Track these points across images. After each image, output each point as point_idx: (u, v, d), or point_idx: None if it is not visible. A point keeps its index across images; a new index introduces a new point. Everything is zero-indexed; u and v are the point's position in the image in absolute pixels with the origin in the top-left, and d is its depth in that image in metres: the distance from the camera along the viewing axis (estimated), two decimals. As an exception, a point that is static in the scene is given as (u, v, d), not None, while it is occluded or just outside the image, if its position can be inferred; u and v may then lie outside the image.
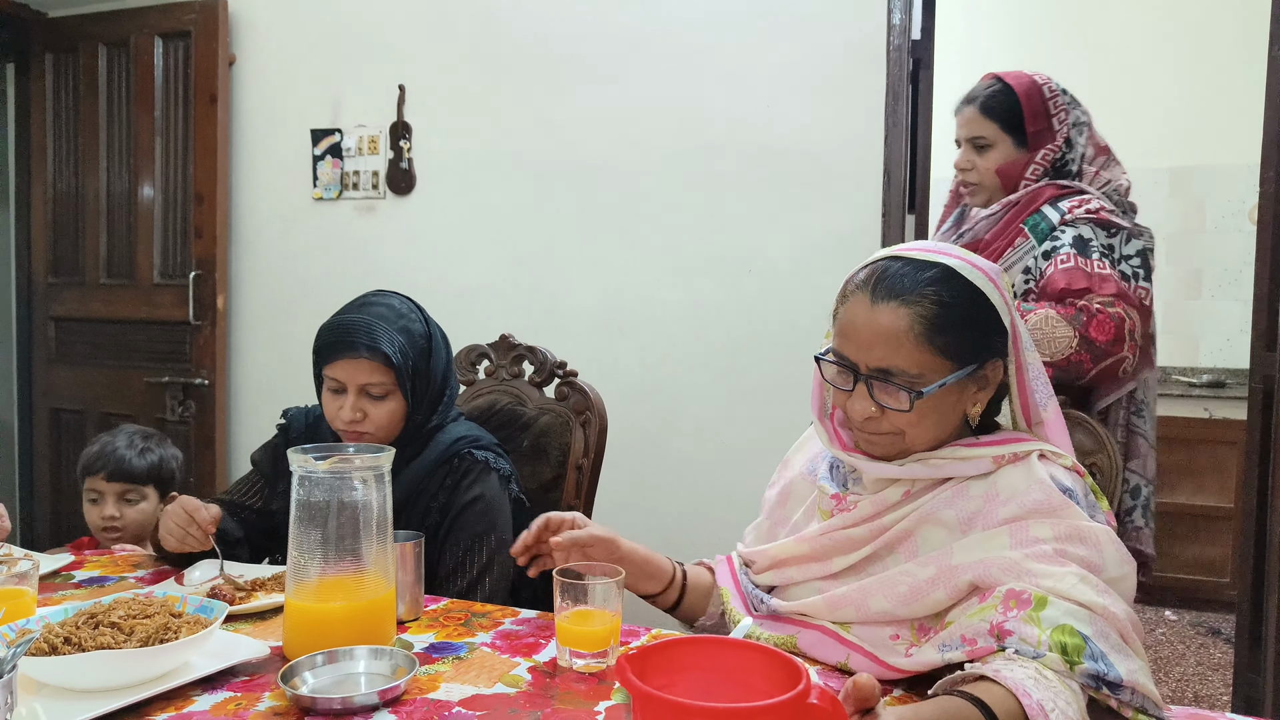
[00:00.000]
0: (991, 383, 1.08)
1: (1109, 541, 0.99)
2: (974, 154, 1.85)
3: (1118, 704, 0.90)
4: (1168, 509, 3.85)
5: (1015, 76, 1.85)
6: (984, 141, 1.85)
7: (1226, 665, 3.28)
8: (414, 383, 1.50)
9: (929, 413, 1.05)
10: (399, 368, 1.46)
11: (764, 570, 1.21)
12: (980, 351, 1.06)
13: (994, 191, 1.87)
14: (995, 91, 1.84)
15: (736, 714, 0.73)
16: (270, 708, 1.00)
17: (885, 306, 1.03)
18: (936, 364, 1.03)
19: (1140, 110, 4.31)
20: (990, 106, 1.84)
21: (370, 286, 2.84)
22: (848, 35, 2.48)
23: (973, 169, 1.86)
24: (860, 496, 1.12)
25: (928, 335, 1.02)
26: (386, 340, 1.46)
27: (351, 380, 1.47)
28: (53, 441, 3.51)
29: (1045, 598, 0.92)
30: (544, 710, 0.99)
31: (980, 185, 1.87)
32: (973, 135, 1.86)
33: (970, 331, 1.04)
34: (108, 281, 3.36)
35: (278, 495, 1.60)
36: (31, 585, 1.20)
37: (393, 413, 1.49)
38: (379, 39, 3.01)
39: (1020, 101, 1.82)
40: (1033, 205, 1.81)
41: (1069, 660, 0.89)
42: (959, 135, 1.89)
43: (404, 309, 1.55)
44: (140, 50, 3.24)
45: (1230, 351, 4.21)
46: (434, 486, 1.52)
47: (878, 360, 1.04)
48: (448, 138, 2.96)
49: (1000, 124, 1.83)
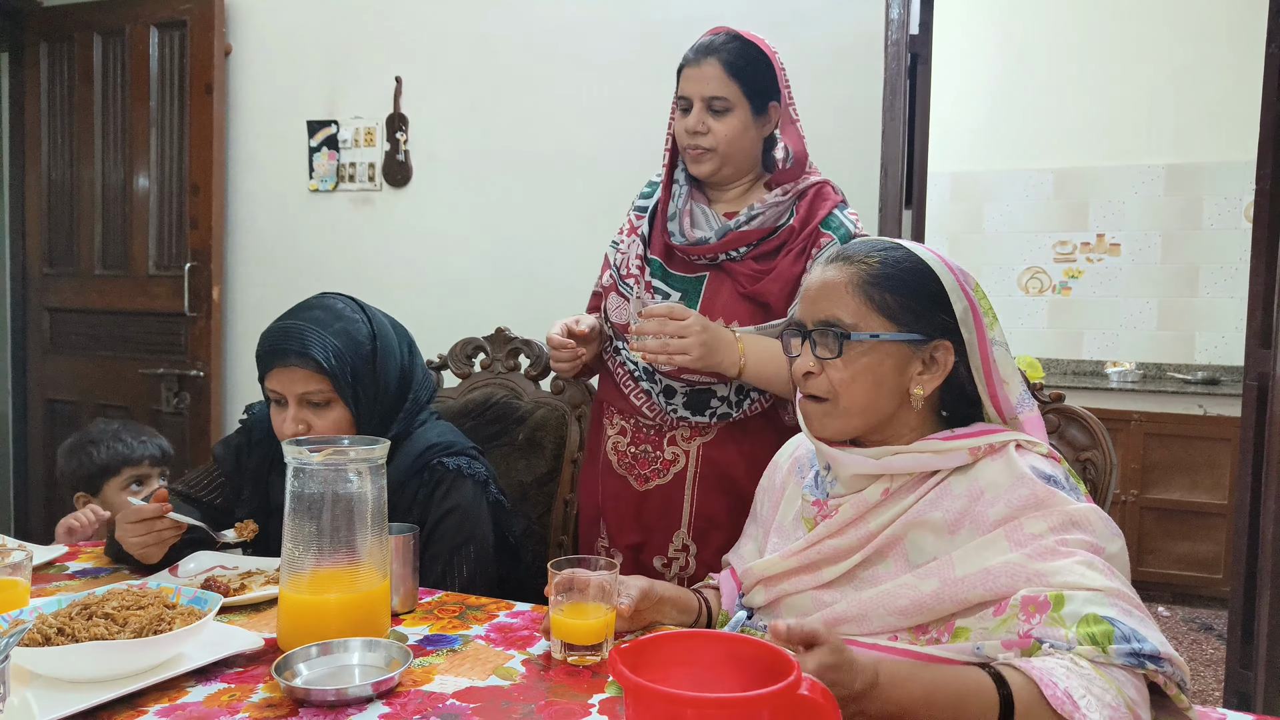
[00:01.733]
0: (941, 367, 1.08)
1: (1099, 519, 1.00)
2: (709, 116, 1.55)
3: (1164, 680, 0.89)
4: (1161, 505, 3.87)
5: (754, 36, 1.59)
6: (725, 105, 1.55)
7: (1219, 661, 3.30)
8: (355, 389, 1.43)
9: (862, 374, 1.07)
10: (332, 374, 1.39)
11: (752, 587, 1.19)
12: (923, 321, 1.07)
13: (724, 163, 1.59)
14: (739, 48, 1.56)
15: (727, 704, 0.73)
16: (264, 699, 1.00)
17: (833, 265, 1.12)
18: (872, 318, 1.07)
19: (1137, 107, 4.31)
20: (736, 65, 1.55)
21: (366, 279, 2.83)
22: (846, 29, 2.48)
23: (708, 133, 1.56)
24: (841, 500, 1.11)
25: (865, 288, 1.08)
26: (318, 346, 1.39)
27: (289, 390, 1.41)
28: (47, 432, 3.50)
29: (1061, 595, 0.93)
30: (538, 703, 0.99)
31: (713, 152, 1.57)
32: (712, 95, 1.55)
33: (911, 297, 1.07)
34: (103, 272, 3.35)
35: (242, 501, 1.55)
36: (25, 576, 1.19)
37: (338, 422, 1.42)
38: (376, 31, 3.00)
39: (770, 65, 1.57)
40: (826, 203, 1.61)
41: (1101, 647, 0.89)
42: (688, 91, 1.57)
43: (345, 310, 1.47)
44: (136, 40, 3.22)
45: (1225, 348, 4.22)
46: (406, 500, 1.46)
47: (820, 312, 1.10)
48: (445, 130, 2.95)
49: (742, 86, 1.56)
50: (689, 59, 1.58)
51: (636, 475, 1.62)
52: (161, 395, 3.22)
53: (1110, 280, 4.41)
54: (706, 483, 1.57)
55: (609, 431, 1.66)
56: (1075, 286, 4.48)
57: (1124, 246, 4.38)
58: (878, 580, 1.07)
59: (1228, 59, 4.12)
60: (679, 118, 1.60)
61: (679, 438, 1.59)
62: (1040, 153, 4.49)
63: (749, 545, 1.31)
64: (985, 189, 4.59)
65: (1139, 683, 0.89)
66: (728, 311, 1.55)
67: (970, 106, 4.51)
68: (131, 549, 1.40)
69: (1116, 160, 4.37)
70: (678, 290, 1.60)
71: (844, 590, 1.09)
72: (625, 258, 1.65)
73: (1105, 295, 4.43)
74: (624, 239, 1.68)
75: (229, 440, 1.62)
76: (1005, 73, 4.52)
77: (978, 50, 4.53)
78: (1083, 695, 0.85)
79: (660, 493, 1.60)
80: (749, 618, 1.20)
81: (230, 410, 3.21)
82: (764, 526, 1.27)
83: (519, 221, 2.89)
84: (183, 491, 1.59)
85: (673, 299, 1.59)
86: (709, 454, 1.57)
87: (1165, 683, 0.89)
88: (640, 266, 1.62)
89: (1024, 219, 4.54)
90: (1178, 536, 3.85)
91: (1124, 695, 0.87)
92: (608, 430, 1.67)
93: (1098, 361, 4.42)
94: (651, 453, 1.61)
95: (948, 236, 4.63)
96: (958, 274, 1.09)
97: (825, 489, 1.16)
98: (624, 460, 1.63)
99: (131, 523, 1.38)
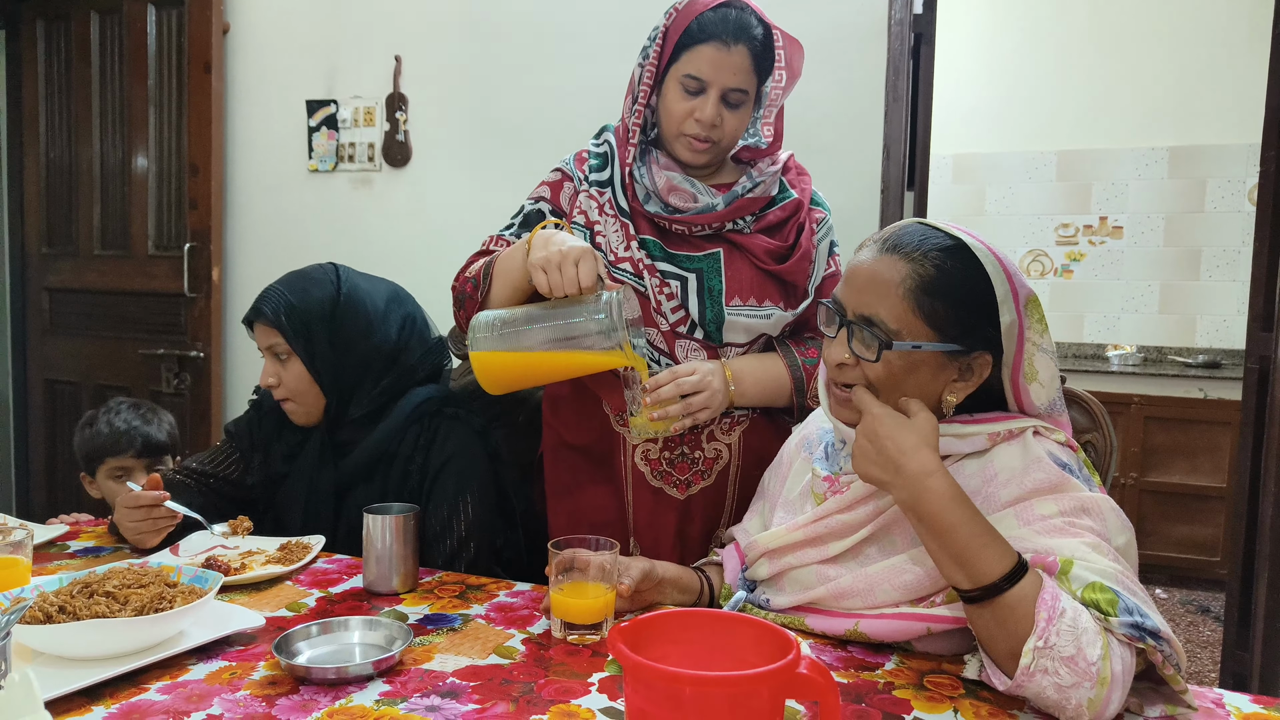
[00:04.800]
0: (977, 377, 1.06)
1: (1110, 510, 0.99)
2: (724, 108, 1.39)
3: (1161, 658, 0.89)
4: (1161, 488, 3.87)
5: (767, 17, 1.42)
6: (742, 99, 1.41)
7: (1215, 643, 3.31)
8: (310, 345, 1.51)
9: (898, 377, 1.04)
10: (281, 328, 1.51)
11: (756, 560, 1.19)
12: (967, 333, 1.04)
13: (718, 155, 1.46)
14: (765, 36, 1.40)
15: (725, 682, 0.73)
16: (265, 677, 1.00)
17: (888, 257, 1.05)
18: (917, 327, 1.03)
19: (1141, 89, 4.28)
20: (761, 57, 1.40)
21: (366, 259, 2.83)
22: (849, 9, 2.46)
23: (721, 125, 1.40)
24: (853, 476, 1.11)
25: (916, 294, 1.02)
26: (270, 302, 1.53)
27: (262, 344, 1.55)
28: (47, 413, 3.50)
29: (1071, 560, 0.92)
30: (537, 681, 1.00)
31: (717, 145, 1.42)
32: (736, 87, 1.38)
33: (961, 308, 1.03)
34: (102, 252, 3.34)
35: (254, 469, 1.62)
36: (26, 554, 1.20)
37: (299, 376, 1.52)
38: (375, 9, 2.98)
39: (791, 51, 1.43)
40: (805, 178, 1.53)
41: (1105, 614, 0.88)
42: (707, 75, 1.37)
43: (315, 274, 1.59)
44: (133, 17, 3.20)
45: (1227, 332, 4.21)
46: (408, 448, 1.53)
47: (864, 306, 1.05)
48: (444, 110, 2.93)
49: (758, 79, 1.42)
50: (713, 33, 1.36)
51: (676, 483, 1.45)
52: (161, 376, 3.21)
53: (1112, 263, 4.40)
54: (746, 473, 1.46)
55: (629, 442, 1.46)
56: (1077, 269, 4.47)
57: (1126, 229, 4.37)
58: (884, 556, 1.07)
59: (1232, 41, 4.09)
60: (678, 95, 1.40)
61: (718, 431, 1.45)
62: (1043, 135, 4.46)
63: (754, 520, 1.31)
64: (988, 171, 4.57)
65: (1129, 659, 0.88)
66: (753, 289, 1.43)
67: (973, 88, 4.49)
68: (128, 534, 1.44)
69: (1119, 143, 4.34)
70: (691, 271, 1.42)
71: (849, 565, 1.10)
72: (606, 240, 1.45)
73: (1107, 278, 4.42)
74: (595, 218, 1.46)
75: (240, 419, 1.69)
76: (1008, 54, 4.49)
77: (981, 31, 4.50)
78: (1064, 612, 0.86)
79: (704, 496, 1.46)
80: (751, 591, 1.20)
81: (230, 391, 3.21)
82: (770, 501, 1.27)
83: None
84: (197, 469, 1.63)
85: (689, 282, 1.41)
86: (749, 442, 1.46)
87: (1163, 662, 0.89)
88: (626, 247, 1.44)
89: (1026, 201, 4.52)
90: (1177, 519, 3.87)
91: (1108, 660, 0.85)
92: (627, 443, 1.46)
93: (1099, 344, 4.42)
94: (690, 454, 1.44)
95: (950, 219, 4.55)
96: (1014, 282, 1.03)
97: (839, 464, 1.16)
98: (658, 469, 1.45)
99: (128, 508, 1.41)
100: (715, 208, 1.42)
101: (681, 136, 1.42)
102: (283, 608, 1.23)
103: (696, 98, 1.39)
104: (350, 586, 1.32)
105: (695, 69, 1.37)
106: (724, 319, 1.41)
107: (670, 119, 1.42)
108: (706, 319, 1.41)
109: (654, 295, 1.42)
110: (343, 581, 1.34)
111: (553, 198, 1.54)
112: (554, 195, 1.54)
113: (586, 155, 1.54)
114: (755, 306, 1.43)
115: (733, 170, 1.52)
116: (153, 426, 1.99)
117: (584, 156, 1.55)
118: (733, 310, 1.41)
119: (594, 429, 1.49)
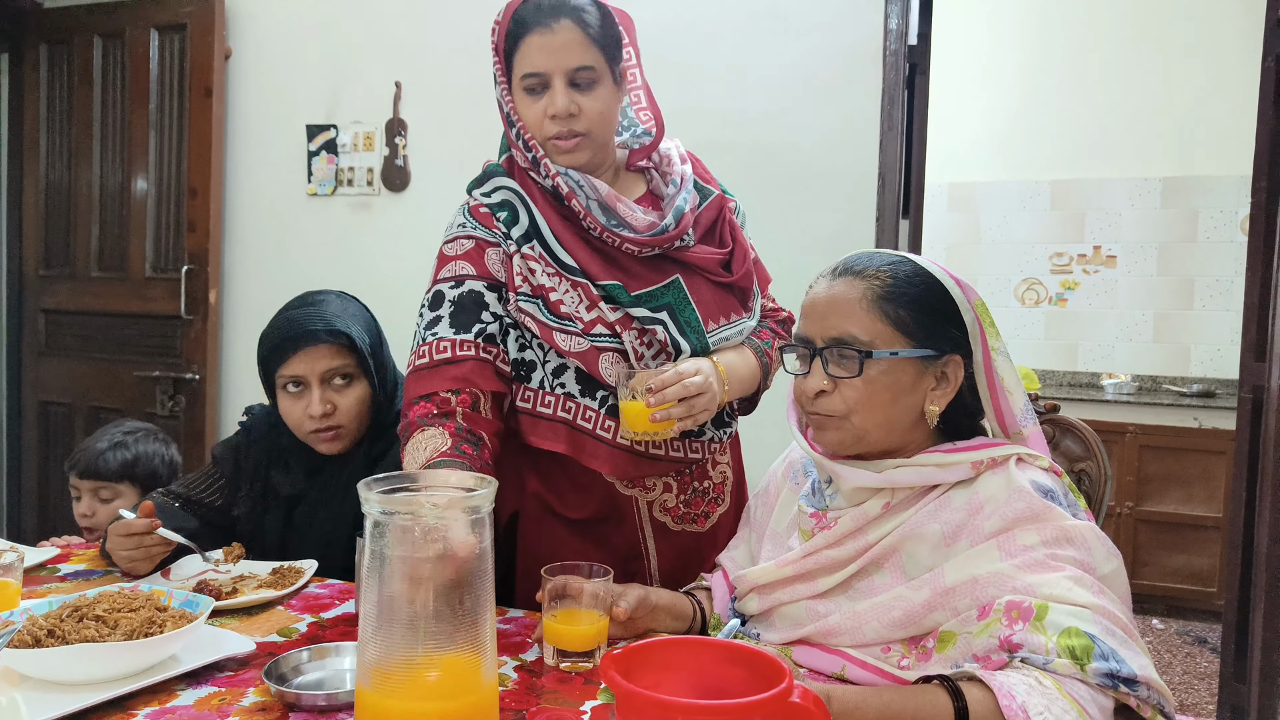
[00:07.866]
0: (952, 382, 1.07)
1: (1095, 538, 0.99)
2: (576, 92, 1.27)
3: (1136, 702, 0.88)
4: (1156, 517, 3.87)
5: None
6: (591, 77, 1.28)
7: (1212, 674, 3.29)
8: (376, 366, 1.50)
9: (880, 392, 1.05)
10: (359, 349, 1.45)
11: (746, 595, 1.19)
12: (935, 336, 1.06)
13: (596, 148, 1.32)
14: (599, 11, 1.30)
15: (718, 711, 0.73)
16: (255, 703, 0.99)
17: (842, 279, 1.09)
18: (888, 334, 1.05)
19: (1134, 120, 4.33)
20: (594, 26, 1.28)
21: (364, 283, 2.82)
22: (845, 39, 2.49)
23: (580, 113, 1.28)
24: (841, 512, 1.10)
25: (879, 303, 1.06)
26: (343, 323, 1.46)
27: (312, 371, 1.44)
28: (41, 435, 3.49)
29: (1045, 605, 0.92)
30: (529, 709, 0.99)
31: (588, 137, 1.29)
32: (578, 65, 1.26)
33: (924, 312, 1.06)
34: (99, 274, 3.35)
35: (240, 499, 1.57)
36: (15, 577, 1.19)
37: (361, 400, 1.47)
38: (376, 36, 3.01)
39: (613, 18, 1.33)
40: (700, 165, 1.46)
41: (1079, 663, 0.88)
42: (542, 65, 1.26)
43: (348, 301, 1.57)
44: (135, 43, 3.23)
45: (1221, 361, 4.23)
46: None
47: (832, 329, 1.07)
48: (444, 135, 2.96)
49: (604, 54, 1.29)
50: (531, 22, 1.26)
51: (697, 518, 1.41)
52: (156, 398, 3.21)
53: (1106, 292, 4.43)
54: (740, 486, 1.50)
55: (642, 501, 1.37)
56: (1071, 298, 4.49)
57: (1120, 258, 4.40)
58: (873, 591, 1.07)
59: (1225, 72, 4.14)
60: (526, 102, 1.29)
61: (717, 455, 1.43)
62: (1037, 164, 4.51)
63: (741, 548, 1.30)
64: (982, 200, 4.61)
65: (1107, 704, 0.88)
66: (719, 307, 1.37)
67: (968, 117, 4.53)
68: (120, 562, 1.42)
69: (1113, 172, 4.39)
70: (661, 309, 1.31)
71: (838, 600, 1.09)
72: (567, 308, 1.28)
73: (1101, 307, 4.44)
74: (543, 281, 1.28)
75: (228, 441, 1.63)
76: (1003, 84, 4.54)
77: (976, 62, 4.55)
78: (1040, 713, 0.85)
79: (724, 521, 1.44)
80: (743, 624, 1.20)
81: (225, 414, 3.21)
82: (757, 531, 1.27)
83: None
84: (181, 493, 1.59)
85: (667, 325, 1.31)
86: (737, 456, 1.50)
87: (1139, 705, 0.89)
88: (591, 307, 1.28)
89: (1021, 230, 4.56)
90: (1172, 549, 3.86)
91: (1085, 717, 0.86)
92: (640, 502, 1.37)
93: (1093, 373, 4.43)
94: (700, 486, 1.40)
95: (945, 247, 4.65)
96: (963, 286, 1.09)
97: (825, 501, 1.15)
98: (679, 514, 1.40)
99: (120, 536, 1.38)
100: (668, 228, 1.32)
101: (548, 142, 1.30)
102: (274, 633, 1.22)
103: (544, 95, 1.28)
104: (342, 612, 1.31)
105: (529, 65, 1.27)
106: (709, 348, 1.36)
107: (532, 130, 1.30)
108: (695, 351, 1.35)
109: (635, 349, 1.30)
110: (335, 606, 1.33)
111: (480, 271, 1.32)
112: (479, 268, 1.32)
113: (486, 209, 1.35)
114: (727, 324, 1.38)
115: (637, 179, 1.42)
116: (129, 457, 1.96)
117: (484, 212, 1.35)
118: (713, 335, 1.37)
119: (595, 500, 1.36)
